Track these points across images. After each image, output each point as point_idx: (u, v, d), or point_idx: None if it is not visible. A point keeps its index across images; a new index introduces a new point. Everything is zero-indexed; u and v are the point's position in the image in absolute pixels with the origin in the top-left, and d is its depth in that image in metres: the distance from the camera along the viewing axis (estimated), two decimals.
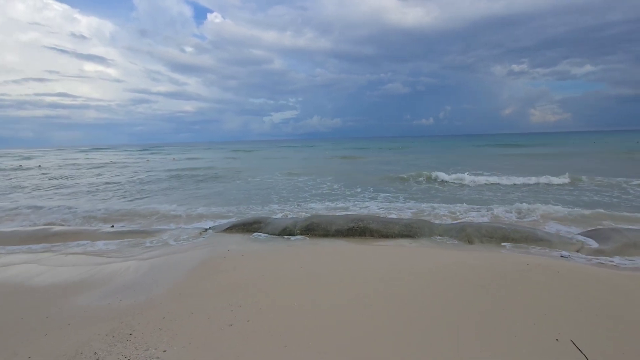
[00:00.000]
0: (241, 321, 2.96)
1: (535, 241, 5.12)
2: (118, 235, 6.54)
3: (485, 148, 37.18)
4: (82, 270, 4.48)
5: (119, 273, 4.31)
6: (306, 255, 4.86)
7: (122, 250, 5.49)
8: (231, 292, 3.58)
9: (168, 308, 3.25)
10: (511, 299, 3.27)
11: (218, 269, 4.35)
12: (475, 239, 5.32)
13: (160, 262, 4.69)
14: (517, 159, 23.38)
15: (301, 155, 35.93)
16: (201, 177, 17.26)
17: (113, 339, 2.71)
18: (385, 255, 4.77)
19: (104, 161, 33.26)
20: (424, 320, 2.91)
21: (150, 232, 6.81)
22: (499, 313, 3.00)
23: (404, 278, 3.85)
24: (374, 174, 16.15)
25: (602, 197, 9.46)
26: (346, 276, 3.96)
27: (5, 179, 18.72)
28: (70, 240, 6.29)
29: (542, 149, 34.04)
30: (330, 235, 6.00)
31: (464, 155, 26.59)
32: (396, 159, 26.11)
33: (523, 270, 3.95)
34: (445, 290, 3.49)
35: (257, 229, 6.48)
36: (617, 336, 2.64)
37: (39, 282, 4.13)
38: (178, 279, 4.06)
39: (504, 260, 4.38)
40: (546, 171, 13.83)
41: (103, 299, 3.54)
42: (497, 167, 16.79)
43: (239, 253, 5.02)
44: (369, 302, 3.28)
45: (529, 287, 3.53)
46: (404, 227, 5.91)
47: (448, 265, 4.22)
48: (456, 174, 13.85)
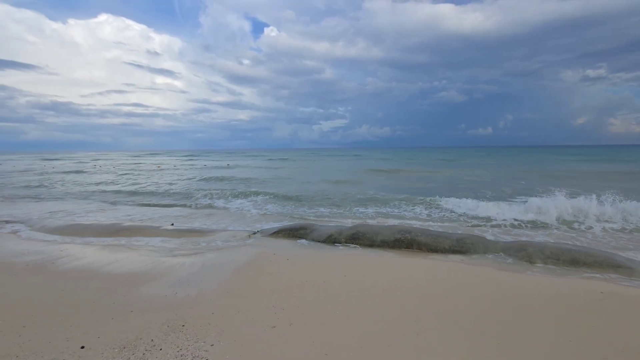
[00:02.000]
0: (284, 324, 3.01)
1: (612, 267, 4.48)
2: (177, 233, 7.09)
3: (551, 162, 32.64)
4: (144, 263, 4.92)
5: (175, 268, 4.65)
6: (350, 264, 4.81)
7: (179, 248, 5.92)
8: (275, 295, 3.67)
9: (217, 305, 3.42)
10: (577, 330, 2.90)
11: (263, 271, 4.48)
12: (537, 259, 4.83)
13: (212, 261, 4.97)
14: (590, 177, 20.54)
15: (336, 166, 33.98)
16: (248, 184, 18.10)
17: (168, 329, 2.92)
18: (434, 270, 4.53)
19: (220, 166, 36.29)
20: (475, 345, 2.69)
21: (205, 231, 7.27)
22: (566, 347, 2.67)
23: (454, 297, 3.61)
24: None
25: None
26: (391, 289, 3.83)
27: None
28: (136, 235, 6.96)
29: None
30: (376, 245, 5.87)
31: (523, 170, 23.34)
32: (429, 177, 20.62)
33: (595, 300, 3.48)
34: (499, 315, 3.21)
35: (302, 234, 6.58)
36: None
37: (108, 270, 4.61)
38: (226, 278, 4.26)
39: (571, 286, 3.91)
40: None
41: (161, 290, 3.85)
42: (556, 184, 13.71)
43: (284, 257, 5.13)
44: (415, 318, 3.13)
45: (603, 319, 3.10)
46: (455, 242, 5.57)
47: (503, 286, 3.88)
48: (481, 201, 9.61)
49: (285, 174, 23.06)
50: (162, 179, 19.81)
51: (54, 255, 5.27)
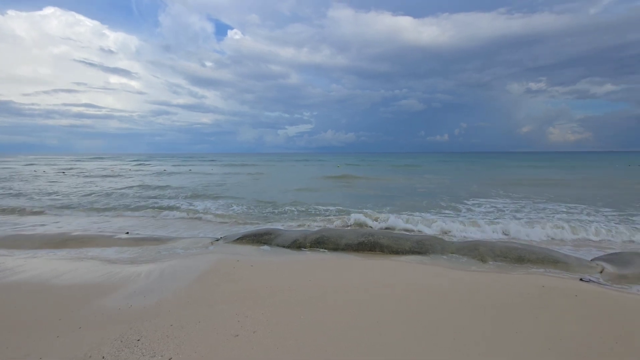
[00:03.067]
0: (247, 332, 2.95)
1: (552, 263, 4.94)
2: (132, 242, 6.68)
3: (500, 169, 34.89)
4: (95, 275, 4.58)
5: (130, 279, 4.38)
6: (315, 269, 4.83)
7: (135, 257, 5.59)
8: (239, 303, 3.59)
9: (176, 316, 3.28)
10: (525, 322, 3.16)
11: (227, 279, 4.37)
12: (488, 258, 5.18)
13: (171, 269, 4.75)
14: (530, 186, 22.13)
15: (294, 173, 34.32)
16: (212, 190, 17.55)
17: (121, 344, 2.75)
18: (395, 271, 4.69)
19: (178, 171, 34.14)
20: (434, 340, 2.83)
21: (163, 239, 6.93)
22: (512, 336, 2.90)
23: (414, 296, 3.77)
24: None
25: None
26: (355, 291, 3.91)
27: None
28: (86, 245, 6.46)
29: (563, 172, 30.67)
30: (340, 249, 5.96)
31: (470, 179, 22.75)
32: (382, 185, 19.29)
33: (538, 293, 3.81)
34: (456, 311, 3.40)
35: (267, 240, 6.50)
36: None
37: (54, 284, 4.24)
38: (187, 287, 4.09)
39: (518, 281, 4.24)
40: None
41: (114, 303, 3.60)
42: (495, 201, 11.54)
43: (248, 264, 5.03)
44: (378, 319, 3.22)
45: (544, 310, 3.40)
46: (415, 243, 5.82)
47: (459, 285, 4.12)
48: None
49: (236, 181, 22.68)
50: (116, 185, 18.58)
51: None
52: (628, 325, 3.12)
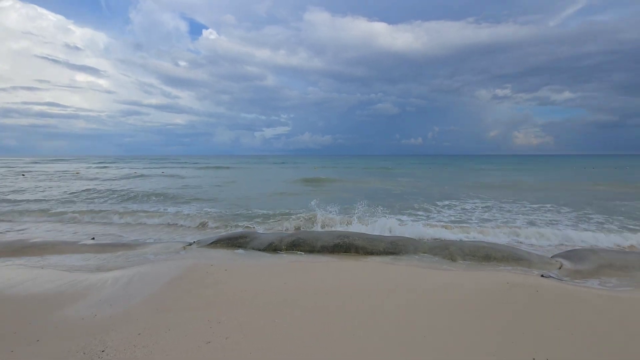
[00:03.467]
0: (219, 338, 2.90)
1: (516, 260, 5.21)
2: (99, 248, 6.37)
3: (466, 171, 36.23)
4: (56, 284, 4.33)
5: (95, 287, 4.18)
6: (291, 272, 4.82)
7: (101, 264, 5.33)
8: (212, 308, 3.51)
9: (144, 324, 3.16)
10: (491, 317, 3.31)
11: (199, 284, 4.26)
12: (458, 257, 5.39)
13: (140, 276, 4.57)
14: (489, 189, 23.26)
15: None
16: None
17: (84, 356, 2.61)
18: (369, 272, 4.77)
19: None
20: (405, 337, 2.90)
21: (133, 245, 6.66)
22: (478, 331, 3.02)
23: (387, 295, 3.85)
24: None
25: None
26: (329, 293, 3.93)
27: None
28: (48, 252, 6.09)
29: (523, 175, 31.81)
30: (316, 251, 5.99)
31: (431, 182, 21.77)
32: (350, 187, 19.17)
33: (503, 289, 4.01)
34: (426, 308, 3.50)
35: (242, 244, 6.41)
36: (590, 354, 2.68)
37: (9, 296, 3.96)
38: (156, 294, 3.96)
39: (484, 279, 4.44)
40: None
41: (77, 314, 3.42)
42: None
43: (222, 268, 4.94)
44: (352, 319, 3.25)
45: (508, 306, 3.58)
46: (389, 244, 5.94)
47: (430, 284, 4.26)
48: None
49: (210, 184, 22.27)
50: (81, 188, 17.64)
51: None
52: (582, 316, 3.34)
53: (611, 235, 7.27)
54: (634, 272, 4.74)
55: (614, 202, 12.23)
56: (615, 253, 5.42)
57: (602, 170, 35.24)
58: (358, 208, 9.08)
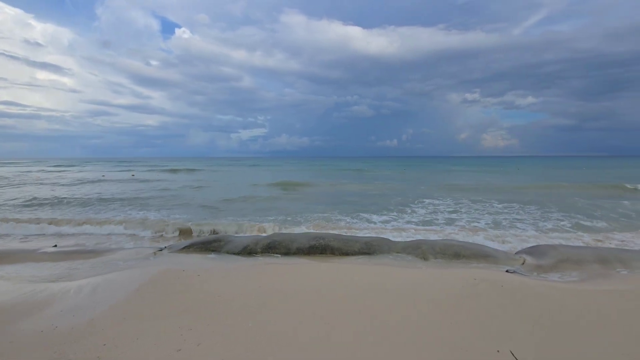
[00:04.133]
0: (191, 345, 2.83)
1: (483, 257, 5.45)
2: (61, 256, 6.02)
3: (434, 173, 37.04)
4: (11, 296, 4.04)
5: (56, 297, 3.94)
6: (266, 275, 4.78)
7: (63, 273, 5.04)
8: (183, 315, 3.42)
9: (110, 334, 3.02)
10: (458, 312, 3.44)
11: (170, 290, 4.13)
12: (430, 255, 5.56)
13: (106, 284, 4.37)
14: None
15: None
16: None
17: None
18: (344, 273, 4.81)
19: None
20: (377, 335, 2.96)
21: (99, 251, 6.34)
22: (447, 326, 3.14)
23: (361, 295, 3.91)
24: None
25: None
26: (305, 295, 3.94)
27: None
28: (4, 261, 5.67)
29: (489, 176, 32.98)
30: (292, 253, 5.97)
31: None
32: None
33: (471, 285, 4.18)
34: (398, 306, 3.59)
35: (216, 247, 6.28)
36: (551, 344, 2.86)
37: None
38: (124, 302, 3.79)
39: (454, 276, 4.61)
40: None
41: (35, 326, 3.21)
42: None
43: (194, 273, 4.81)
44: (327, 320, 3.28)
45: (475, 301, 3.74)
46: (364, 245, 6.03)
47: (402, 282, 4.37)
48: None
49: (180, 188, 21.70)
50: (41, 193, 16.58)
51: None
52: (544, 308, 3.55)
53: (569, 232, 7.77)
54: (587, 265, 5.10)
55: (572, 199, 13.13)
56: (571, 248, 5.80)
57: (563, 171, 37.64)
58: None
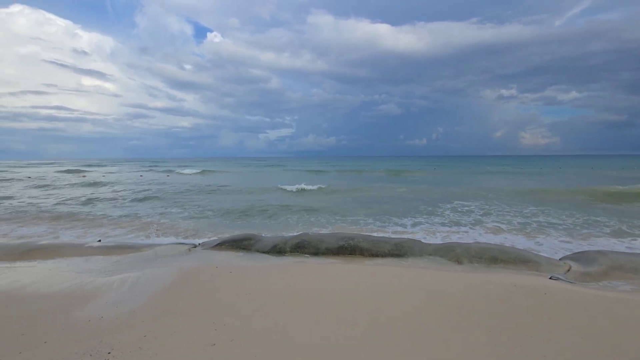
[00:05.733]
0: (224, 341, 2.90)
1: (523, 262, 5.14)
2: (105, 250, 6.42)
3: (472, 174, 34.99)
4: (63, 286, 4.36)
5: (102, 289, 4.20)
6: (295, 274, 4.81)
7: (107, 266, 5.37)
8: (216, 311, 3.52)
9: (150, 326, 3.17)
10: (497, 321, 3.26)
11: (204, 287, 4.27)
12: (464, 259, 5.33)
13: (146, 278, 4.59)
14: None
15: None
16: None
17: (90, 358, 2.63)
18: (374, 275, 4.74)
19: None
20: (409, 341, 2.88)
21: (139, 247, 6.70)
22: (485, 335, 2.99)
23: (391, 299, 3.82)
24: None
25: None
26: (334, 296, 3.92)
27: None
28: (54, 255, 6.15)
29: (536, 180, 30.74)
30: (321, 253, 5.97)
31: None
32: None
33: (510, 292, 3.95)
34: (431, 311, 3.47)
35: (246, 246, 6.42)
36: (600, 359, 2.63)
37: (17, 298, 4.00)
38: (162, 296, 3.97)
39: (491, 281, 4.38)
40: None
41: (84, 316, 3.44)
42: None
43: (227, 270, 4.95)
44: (356, 322, 3.24)
45: (515, 309, 3.53)
46: (394, 246, 5.90)
47: (436, 286, 4.21)
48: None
49: (216, 185, 22.32)
50: (83, 192, 17.83)
51: None
52: (593, 320, 3.28)
53: (620, 238, 7.15)
54: None
55: (620, 206, 12.06)
56: (625, 255, 5.32)
57: (610, 172, 34.73)
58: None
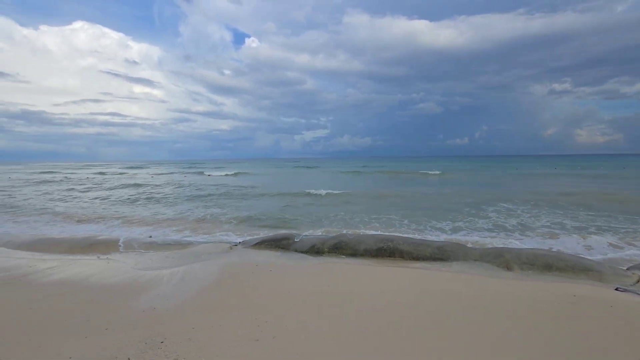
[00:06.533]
0: (267, 337, 2.95)
1: (583, 271, 4.69)
2: (155, 246, 6.87)
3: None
4: (120, 278, 4.73)
5: (153, 282, 4.49)
6: (334, 274, 4.80)
7: (157, 261, 5.73)
8: (258, 307, 3.60)
9: (197, 319, 3.32)
10: (555, 334, 3.00)
11: (246, 284, 4.40)
12: (514, 265, 4.98)
13: (192, 274, 4.84)
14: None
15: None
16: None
17: (145, 346, 2.81)
18: (415, 278, 4.59)
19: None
20: (454, 351, 2.74)
21: (184, 244, 7.08)
22: (541, 349, 2.76)
23: (435, 305, 3.67)
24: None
25: None
26: (376, 298, 3.84)
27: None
28: (111, 249, 6.69)
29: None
30: (359, 254, 5.90)
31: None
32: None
33: (570, 303, 3.62)
34: (480, 320, 3.28)
35: (285, 245, 6.52)
36: None
37: (81, 287, 4.40)
38: (207, 291, 4.15)
39: (547, 290, 4.05)
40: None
41: (138, 306, 3.70)
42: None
43: (267, 269, 5.06)
44: (400, 326, 3.15)
45: (575, 322, 3.23)
46: (436, 249, 5.68)
47: (483, 293, 3.98)
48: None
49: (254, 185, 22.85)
50: (135, 191, 19.22)
51: (21, 272, 4.97)
52: None
53: None
54: None
55: None
56: None
57: None
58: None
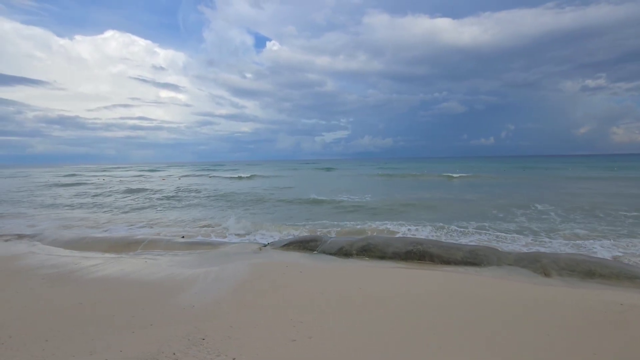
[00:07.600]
0: (303, 337, 3.01)
1: (629, 279, 4.45)
2: (188, 246, 7.13)
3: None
4: (159, 276, 4.95)
5: (190, 281, 4.67)
6: (364, 277, 4.80)
7: (191, 260, 5.95)
8: (292, 308, 3.67)
9: (234, 318, 3.43)
10: (603, 344, 2.87)
11: (277, 284, 4.49)
12: (552, 271, 4.80)
13: (226, 273, 4.98)
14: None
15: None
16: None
17: (189, 342, 2.93)
18: (448, 282, 4.51)
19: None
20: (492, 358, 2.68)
21: (215, 244, 7.30)
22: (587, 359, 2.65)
23: (469, 311, 3.59)
24: None
25: None
26: (408, 301, 3.82)
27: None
28: (148, 248, 7.01)
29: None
30: (387, 257, 5.87)
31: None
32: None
33: (616, 312, 3.45)
34: (518, 329, 3.18)
35: (313, 247, 6.59)
36: None
37: (124, 284, 4.64)
38: (241, 290, 4.27)
39: (590, 298, 3.87)
40: None
41: (179, 303, 3.86)
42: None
43: (297, 270, 5.13)
44: (434, 331, 3.12)
45: (625, 331, 3.07)
46: (468, 253, 5.55)
47: (520, 300, 3.85)
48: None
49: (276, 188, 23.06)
50: (165, 193, 19.95)
51: (69, 269, 5.31)
52: None
53: None
54: None
55: None
56: None
57: None
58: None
